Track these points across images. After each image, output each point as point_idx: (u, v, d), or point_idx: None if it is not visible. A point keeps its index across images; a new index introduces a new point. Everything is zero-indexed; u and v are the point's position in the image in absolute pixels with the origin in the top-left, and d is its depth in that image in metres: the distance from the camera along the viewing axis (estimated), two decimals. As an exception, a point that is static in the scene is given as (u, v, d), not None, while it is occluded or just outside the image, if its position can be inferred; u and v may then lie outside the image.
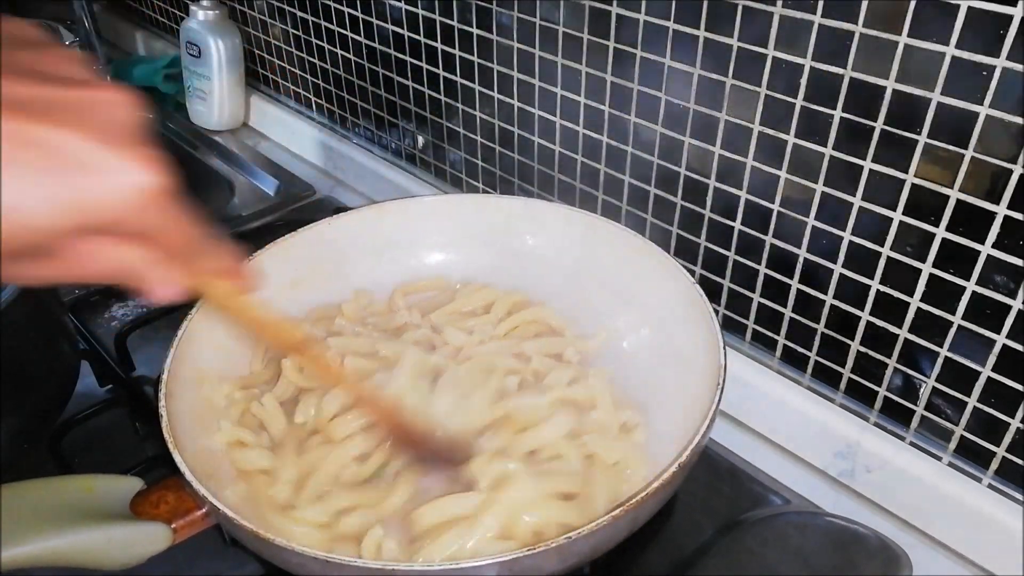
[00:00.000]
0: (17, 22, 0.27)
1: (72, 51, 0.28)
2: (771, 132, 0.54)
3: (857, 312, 0.54)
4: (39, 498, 0.41)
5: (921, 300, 0.51)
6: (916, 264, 0.50)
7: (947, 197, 0.47)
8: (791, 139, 0.53)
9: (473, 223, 0.65)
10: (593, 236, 0.61)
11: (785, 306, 0.59)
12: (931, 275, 0.50)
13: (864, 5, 0.46)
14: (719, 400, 0.46)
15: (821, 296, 0.56)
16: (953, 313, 0.49)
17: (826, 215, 0.53)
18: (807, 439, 0.59)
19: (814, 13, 0.48)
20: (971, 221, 0.46)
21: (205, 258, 0.32)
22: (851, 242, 0.53)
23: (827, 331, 0.57)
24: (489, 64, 0.72)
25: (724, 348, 0.49)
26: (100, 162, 0.24)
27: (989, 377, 0.49)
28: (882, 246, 0.51)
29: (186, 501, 0.44)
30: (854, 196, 0.51)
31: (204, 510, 0.43)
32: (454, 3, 0.71)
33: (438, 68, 0.78)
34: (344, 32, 0.87)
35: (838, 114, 0.50)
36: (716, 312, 0.63)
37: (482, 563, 0.38)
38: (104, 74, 1.10)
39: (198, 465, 0.44)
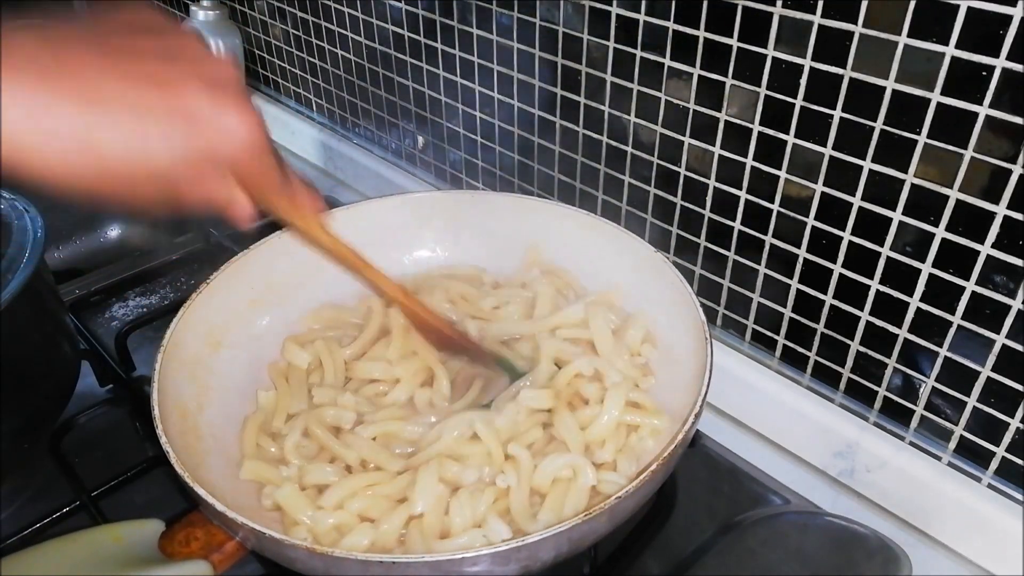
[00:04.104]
0: (140, 9, 0.35)
1: (190, 33, 0.35)
2: (771, 132, 0.54)
3: (857, 312, 0.54)
4: (75, 556, 0.42)
5: (921, 300, 0.51)
6: (916, 264, 0.50)
7: (947, 197, 0.47)
8: (791, 139, 0.53)
9: (460, 219, 0.66)
10: (586, 235, 0.62)
11: (785, 306, 0.59)
12: (931, 275, 0.50)
13: (864, 5, 0.46)
14: (709, 378, 0.47)
15: (821, 296, 0.56)
16: (953, 313, 0.49)
17: (826, 215, 0.53)
18: (807, 439, 0.59)
19: (814, 13, 0.48)
20: (971, 221, 0.46)
21: (286, 194, 0.41)
22: (851, 242, 0.53)
23: (827, 331, 0.57)
24: (489, 64, 0.72)
25: (711, 343, 0.49)
26: (215, 120, 0.33)
27: (989, 377, 0.49)
28: (882, 246, 0.51)
29: (216, 535, 0.44)
30: (854, 196, 0.51)
31: (237, 538, 0.43)
32: (454, 3, 0.71)
33: (438, 68, 0.78)
34: (344, 32, 0.87)
35: (838, 114, 0.50)
36: (715, 312, 0.63)
37: (473, 554, 0.38)
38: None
39: (222, 493, 0.43)
